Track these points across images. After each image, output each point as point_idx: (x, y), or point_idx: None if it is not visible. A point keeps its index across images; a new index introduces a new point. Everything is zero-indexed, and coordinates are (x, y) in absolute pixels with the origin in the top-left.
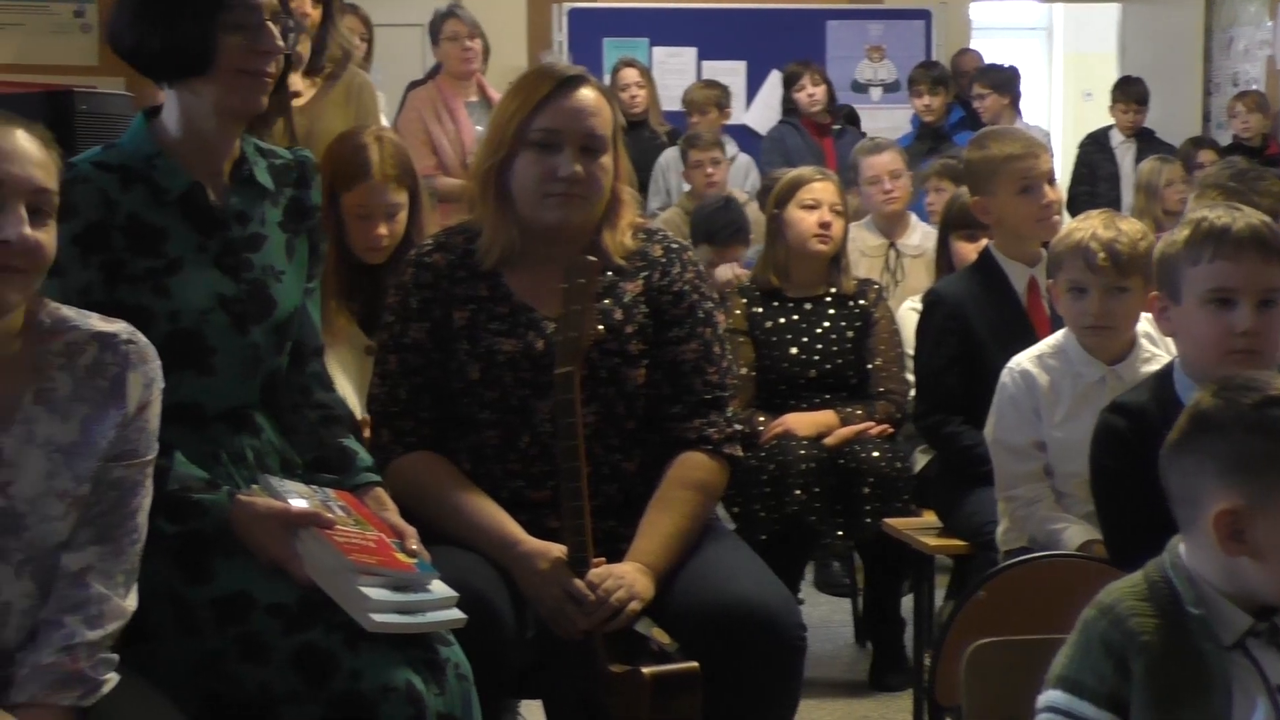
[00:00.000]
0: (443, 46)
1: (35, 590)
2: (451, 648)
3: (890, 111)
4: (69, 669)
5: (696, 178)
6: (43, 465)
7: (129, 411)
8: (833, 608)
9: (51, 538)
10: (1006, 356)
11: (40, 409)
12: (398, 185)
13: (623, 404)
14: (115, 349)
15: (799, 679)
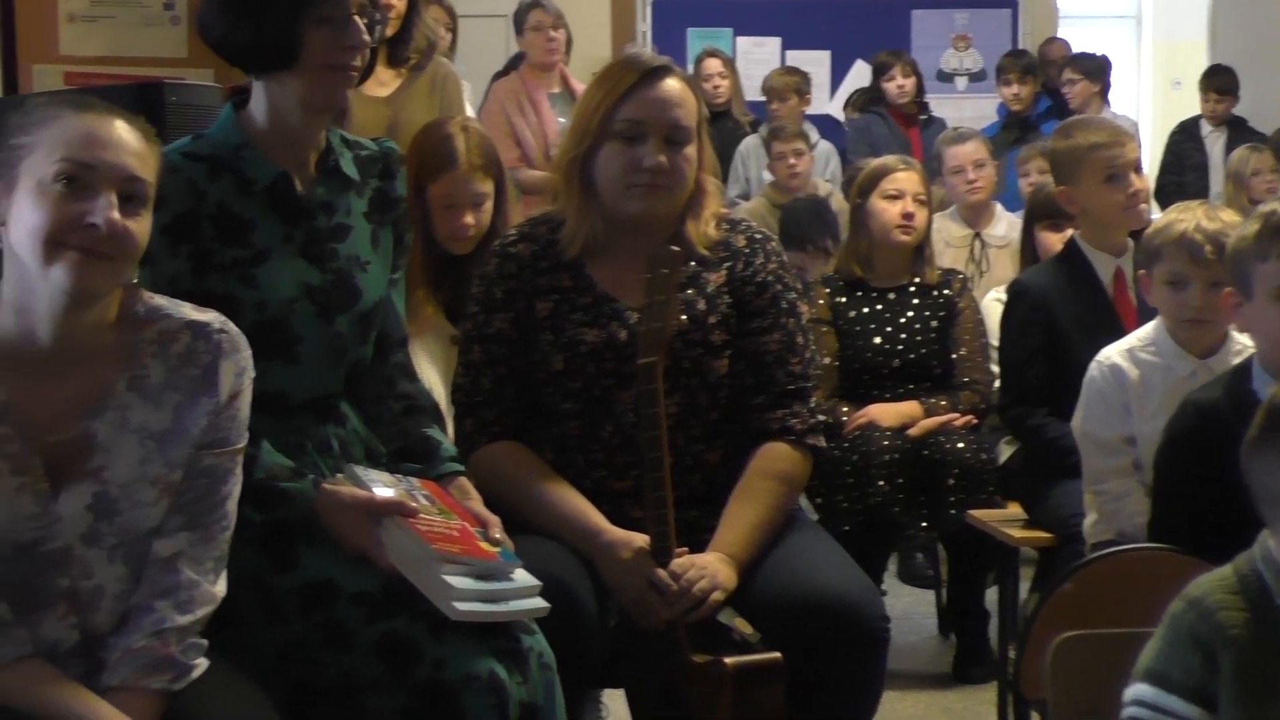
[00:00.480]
0: (526, 37)
1: (127, 575)
2: (535, 636)
3: (976, 101)
4: (159, 653)
5: (780, 169)
6: (136, 452)
7: (220, 400)
8: (916, 599)
9: (144, 523)
10: (1092, 348)
11: (134, 396)
12: (484, 175)
13: (705, 394)
14: (208, 338)
15: (882, 670)
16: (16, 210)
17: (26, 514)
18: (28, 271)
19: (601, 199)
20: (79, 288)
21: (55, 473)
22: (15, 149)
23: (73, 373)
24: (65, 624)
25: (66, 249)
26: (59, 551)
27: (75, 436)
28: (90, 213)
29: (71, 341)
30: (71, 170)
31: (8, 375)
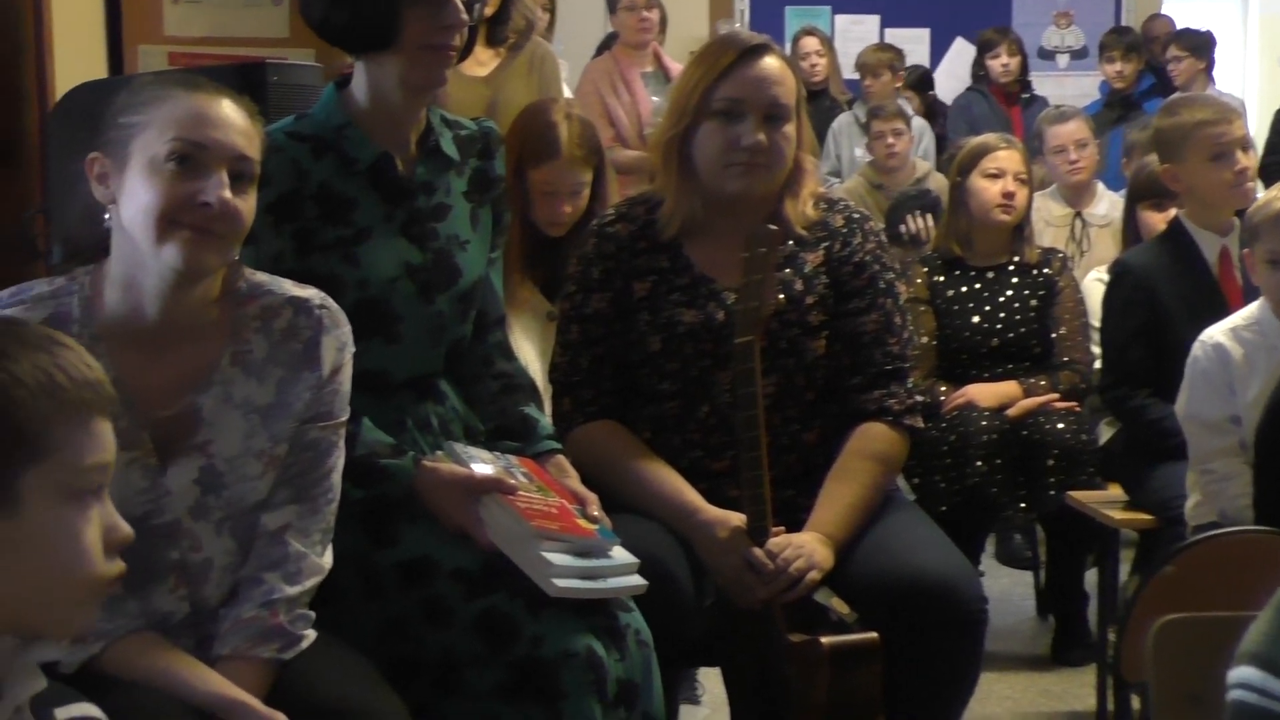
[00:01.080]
0: (619, 16)
1: (235, 548)
2: (632, 614)
3: (1078, 79)
4: (269, 623)
5: (878, 148)
6: (241, 426)
7: (323, 374)
8: (1014, 580)
9: (250, 496)
10: (1197, 328)
11: (237, 371)
12: (584, 165)
13: (802, 375)
14: (309, 313)
15: (980, 652)
16: (128, 188)
17: (137, 488)
18: (138, 249)
19: (700, 178)
20: (190, 266)
21: (163, 447)
22: (126, 127)
23: (178, 349)
24: (175, 596)
25: (179, 227)
26: (168, 525)
27: (181, 412)
28: (202, 192)
29: (177, 318)
30: (184, 149)
31: (116, 351)
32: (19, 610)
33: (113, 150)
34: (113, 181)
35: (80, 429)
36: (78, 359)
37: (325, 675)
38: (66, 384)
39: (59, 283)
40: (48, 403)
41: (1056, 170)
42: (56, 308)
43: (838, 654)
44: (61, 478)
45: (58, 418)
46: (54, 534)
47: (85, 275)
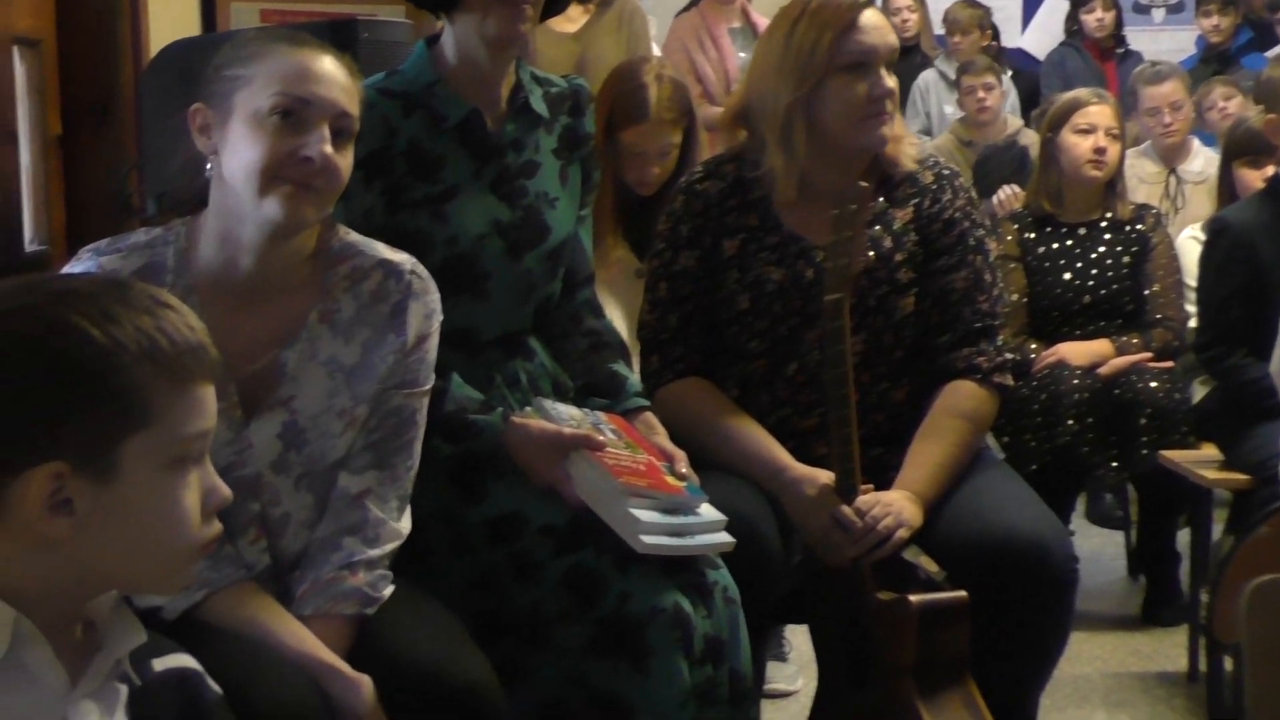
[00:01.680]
0: None
1: (313, 503)
2: (719, 571)
3: (1174, 33)
4: (348, 583)
5: (969, 104)
6: (324, 383)
7: (408, 340)
8: (1105, 540)
9: (330, 454)
10: None
11: (324, 329)
12: (673, 127)
13: (891, 333)
14: (399, 277)
15: (1070, 612)
16: (231, 140)
17: (222, 440)
18: (238, 201)
19: (827, 137)
20: (289, 219)
21: (248, 401)
22: (230, 80)
23: (268, 304)
24: (257, 548)
25: (280, 181)
26: (250, 478)
27: (267, 366)
28: (305, 146)
29: (270, 272)
30: (287, 104)
31: (208, 303)
32: (119, 572)
33: (216, 102)
34: (215, 133)
35: (182, 397)
36: (181, 322)
37: (411, 633)
38: (169, 350)
39: (155, 233)
40: (150, 369)
41: (1150, 132)
42: (152, 257)
43: (926, 613)
44: (162, 446)
45: (160, 386)
46: (153, 501)
47: (181, 226)
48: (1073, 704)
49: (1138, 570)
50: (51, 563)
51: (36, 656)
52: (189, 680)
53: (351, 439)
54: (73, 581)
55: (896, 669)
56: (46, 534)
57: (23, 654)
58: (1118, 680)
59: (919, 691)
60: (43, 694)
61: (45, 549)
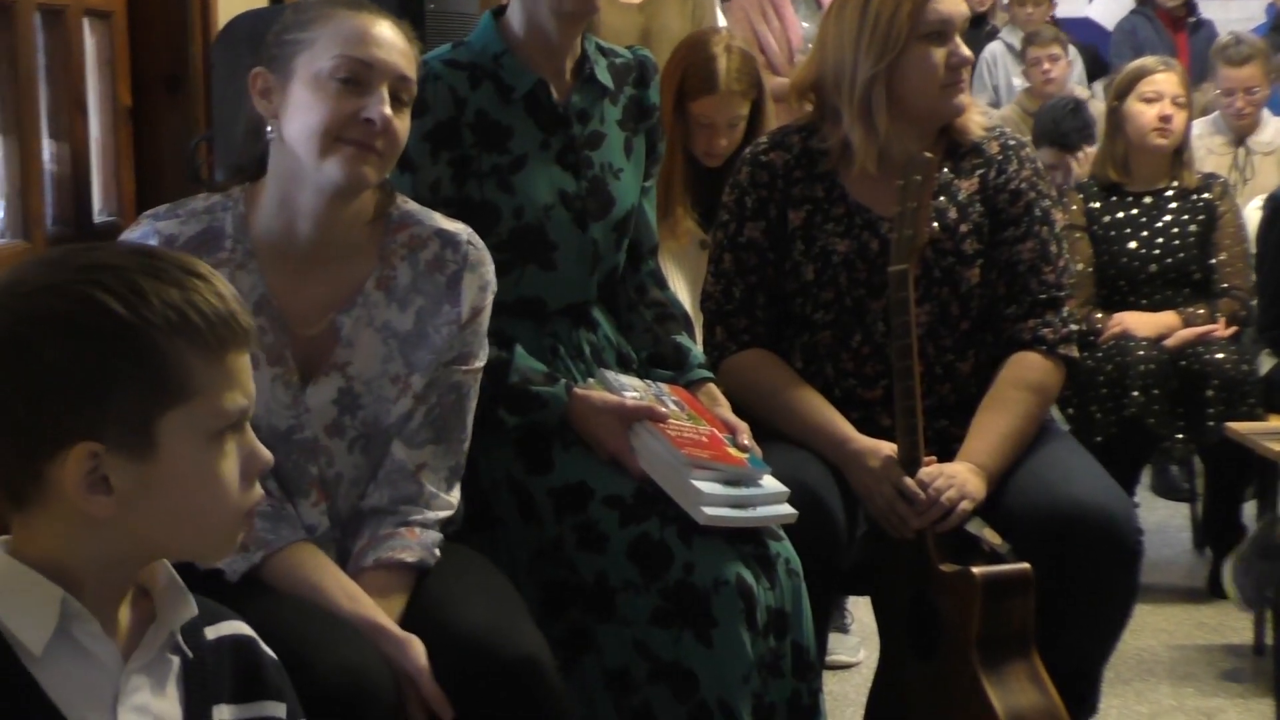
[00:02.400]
0: None
1: (365, 463)
2: (782, 543)
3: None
4: (406, 537)
5: (1035, 75)
6: (379, 350)
7: (462, 311)
8: (1170, 512)
9: (384, 419)
10: None
11: (380, 294)
12: (742, 99)
13: (957, 304)
14: (456, 247)
15: (1135, 584)
16: (292, 103)
17: (282, 403)
18: (297, 163)
19: (905, 108)
20: (350, 181)
21: (305, 365)
22: (291, 44)
23: (326, 269)
24: (317, 510)
25: (342, 143)
26: (308, 441)
27: (324, 330)
28: (366, 108)
29: (329, 237)
30: (349, 66)
31: (267, 267)
32: (165, 543)
33: (277, 66)
34: (275, 97)
35: (217, 368)
36: (211, 291)
37: (465, 603)
38: (200, 322)
39: (215, 199)
40: (182, 343)
41: (1224, 109)
42: (210, 223)
43: (990, 585)
44: (199, 420)
45: (193, 359)
46: (192, 474)
47: (240, 192)
48: (1137, 677)
49: (1203, 543)
50: (98, 539)
51: (87, 632)
52: (243, 646)
53: (408, 406)
54: (121, 555)
55: (960, 641)
56: (89, 512)
57: (73, 630)
58: (1183, 653)
59: (983, 663)
60: (95, 669)
61: (90, 526)
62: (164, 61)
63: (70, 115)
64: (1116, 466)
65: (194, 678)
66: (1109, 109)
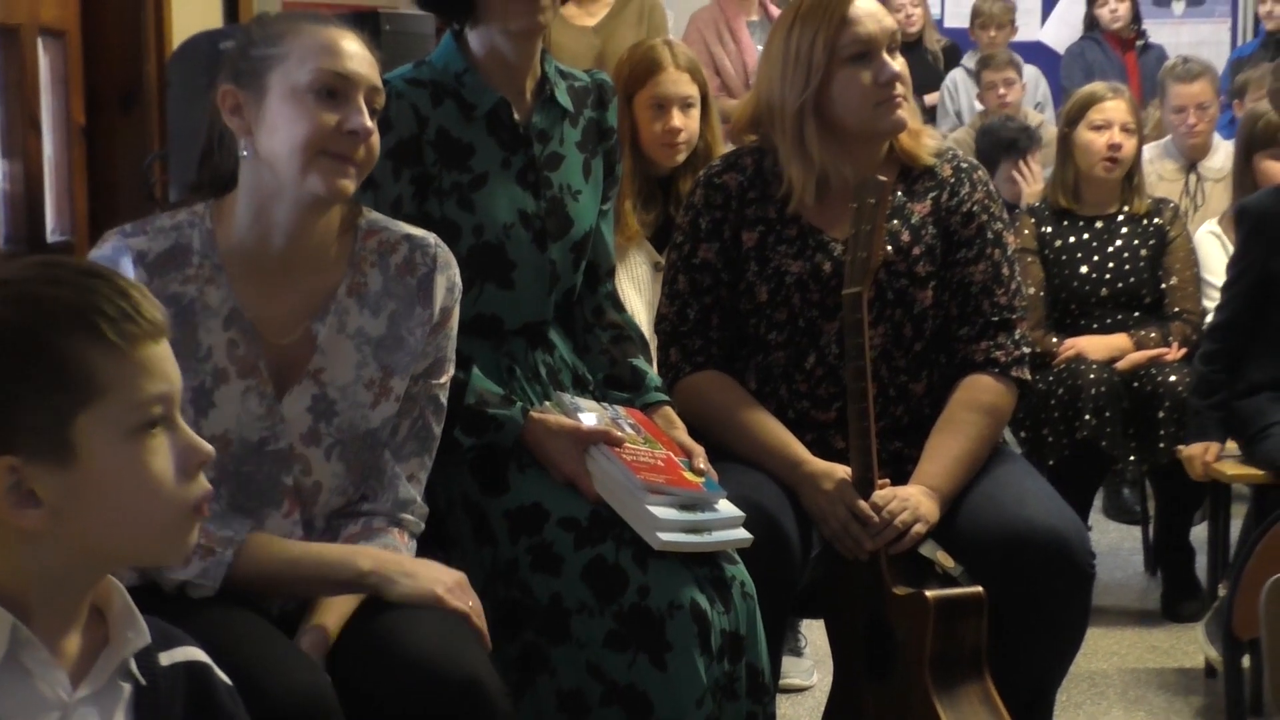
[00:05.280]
0: None
1: (344, 471)
2: (737, 566)
3: (1195, 26)
4: (396, 538)
5: (989, 99)
6: (352, 356)
7: (434, 313)
8: (1122, 535)
9: (360, 424)
10: None
11: (352, 302)
12: (690, 81)
13: (910, 325)
14: (425, 250)
15: (1088, 607)
16: (267, 119)
17: (254, 414)
18: (275, 177)
19: (841, 131)
20: (332, 192)
21: (279, 375)
22: (261, 60)
23: (298, 279)
24: (289, 521)
25: (324, 155)
26: (283, 451)
27: (299, 340)
28: (347, 120)
29: (302, 248)
30: (326, 79)
31: (238, 280)
32: (110, 549)
33: (248, 82)
34: (248, 113)
35: (125, 363)
36: (110, 288)
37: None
38: (100, 320)
39: (181, 215)
40: (84, 341)
41: (1174, 130)
42: (178, 239)
43: (943, 607)
44: (116, 417)
45: (98, 356)
46: (119, 474)
47: (205, 209)
48: (1090, 699)
49: (1155, 566)
50: (39, 554)
51: (36, 659)
52: (197, 673)
53: (389, 412)
54: (66, 569)
55: (914, 663)
56: (21, 526)
57: (22, 657)
58: (1135, 676)
59: (935, 686)
60: (42, 698)
61: (28, 542)
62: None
63: (24, 133)
64: (1069, 489)
65: (145, 705)
66: (1059, 135)
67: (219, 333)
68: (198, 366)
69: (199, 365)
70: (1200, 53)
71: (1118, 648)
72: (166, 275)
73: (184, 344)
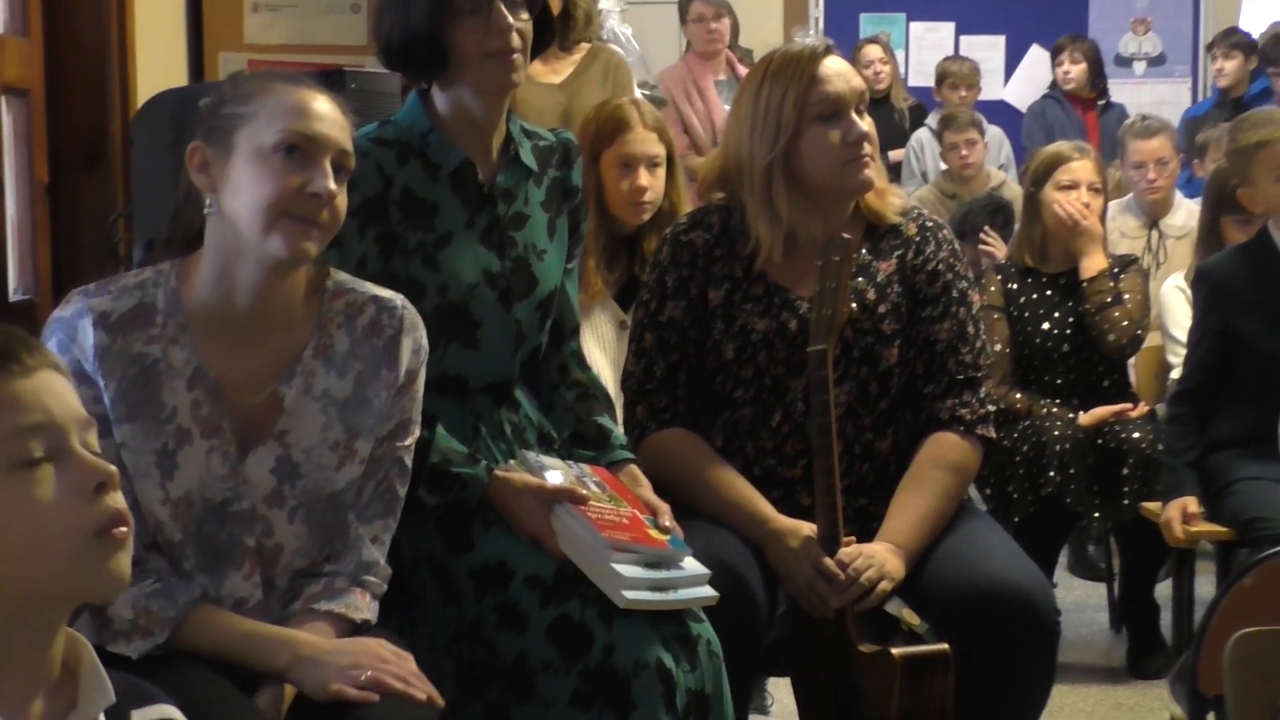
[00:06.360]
0: (689, 27)
1: (307, 533)
2: (703, 624)
3: (1155, 86)
4: (358, 598)
5: (952, 159)
6: (318, 418)
7: (399, 375)
8: (1088, 592)
9: (325, 487)
10: None
11: (318, 363)
12: (658, 139)
13: (876, 383)
14: (392, 312)
15: (1053, 663)
16: (233, 177)
17: (217, 475)
18: (238, 237)
19: (809, 189)
20: (293, 255)
21: (244, 436)
22: (230, 118)
23: (264, 339)
24: (250, 582)
25: (287, 217)
26: (246, 512)
27: (264, 401)
28: (311, 182)
29: (267, 309)
30: (293, 140)
31: (203, 339)
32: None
33: (216, 139)
34: (215, 170)
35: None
36: None
37: None
38: None
39: (146, 274)
40: None
41: (1135, 186)
42: (142, 298)
43: (909, 665)
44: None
45: None
46: (4, 510)
47: (171, 268)
48: None
49: (1121, 622)
50: None
51: None
52: None
53: (354, 474)
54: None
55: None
56: None
57: None
58: None
59: None
60: None
61: None
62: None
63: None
64: (1034, 546)
65: None
66: (1025, 195)
67: (183, 393)
68: (160, 427)
69: (162, 426)
70: (1161, 112)
71: (1084, 704)
72: (130, 335)
73: (147, 404)
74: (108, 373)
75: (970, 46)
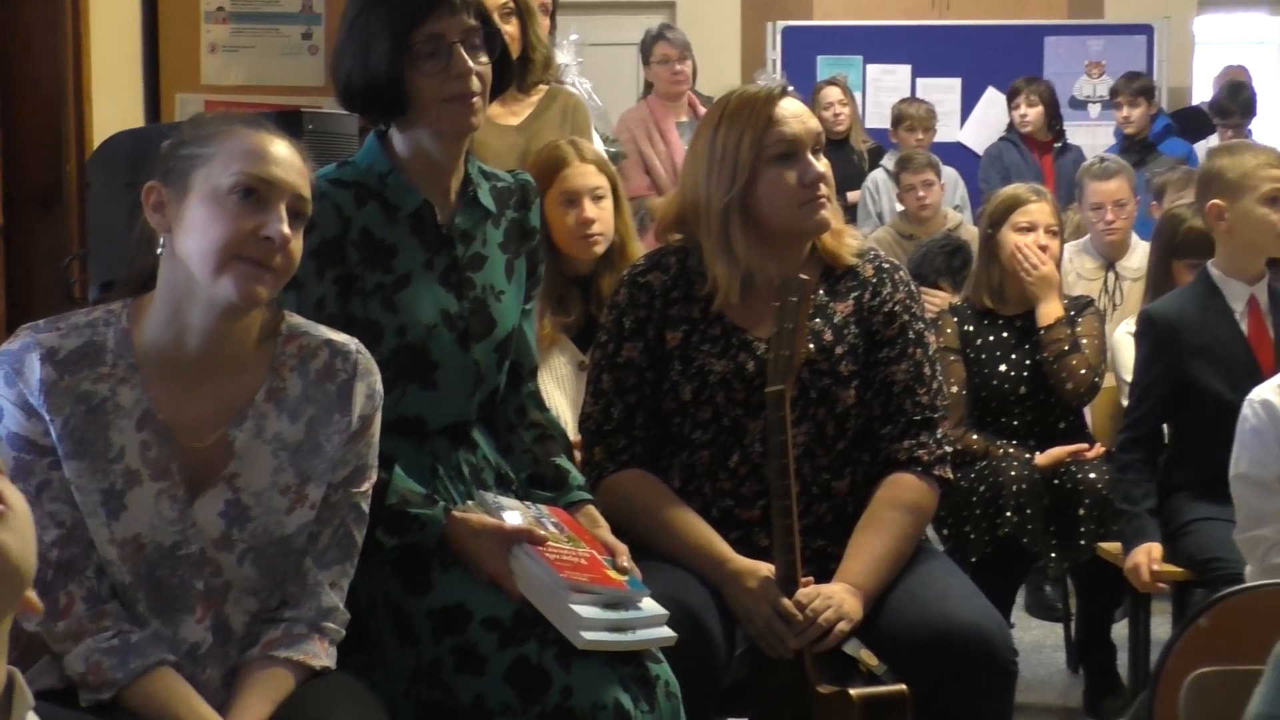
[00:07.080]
0: (653, 68)
1: (256, 575)
2: (661, 665)
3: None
4: (317, 645)
5: (909, 200)
6: (269, 461)
7: (352, 420)
8: (1045, 632)
9: (275, 530)
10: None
11: (270, 407)
12: (598, 171)
13: (833, 424)
14: (346, 356)
15: (1010, 704)
16: (187, 218)
17: (166, 518)
18: (190, 278)
19: (766, 230)
20: (244, 298)
21: (193, 479)
22: (188, 159)
23: (215, 382)
24: (202, 626)
25: (239, 260)
26: (195, 555)
27: (215, 444)
28: (264, 226)
29: (218, 351)
30: (248, 183)
31: (153, 381)
32: None
33: (172, 179)
34: (170, 211)
35: None
36: None
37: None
38: None
39: (96, 313)
40: None
41: (1093, 227)
42: (91, 336)
43: (867, 705)
44: None
45: None
46: None
47: (123, 308)
48: None
49: (1078, 663)
50: None
51: None
52: None
53: (306, 518)
54: None
55: None
56: None
57: None
58: None
59: None
60: None
61: None
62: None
63: None
64: (992, 586)
65: None
66: (982, 236)
67: (131, 433)
68: (108, 466)
69: (110, 465)
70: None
71: None
72: (78, 373)
73: (95, 443)
74: (54, 409)
75: (926, 89)
